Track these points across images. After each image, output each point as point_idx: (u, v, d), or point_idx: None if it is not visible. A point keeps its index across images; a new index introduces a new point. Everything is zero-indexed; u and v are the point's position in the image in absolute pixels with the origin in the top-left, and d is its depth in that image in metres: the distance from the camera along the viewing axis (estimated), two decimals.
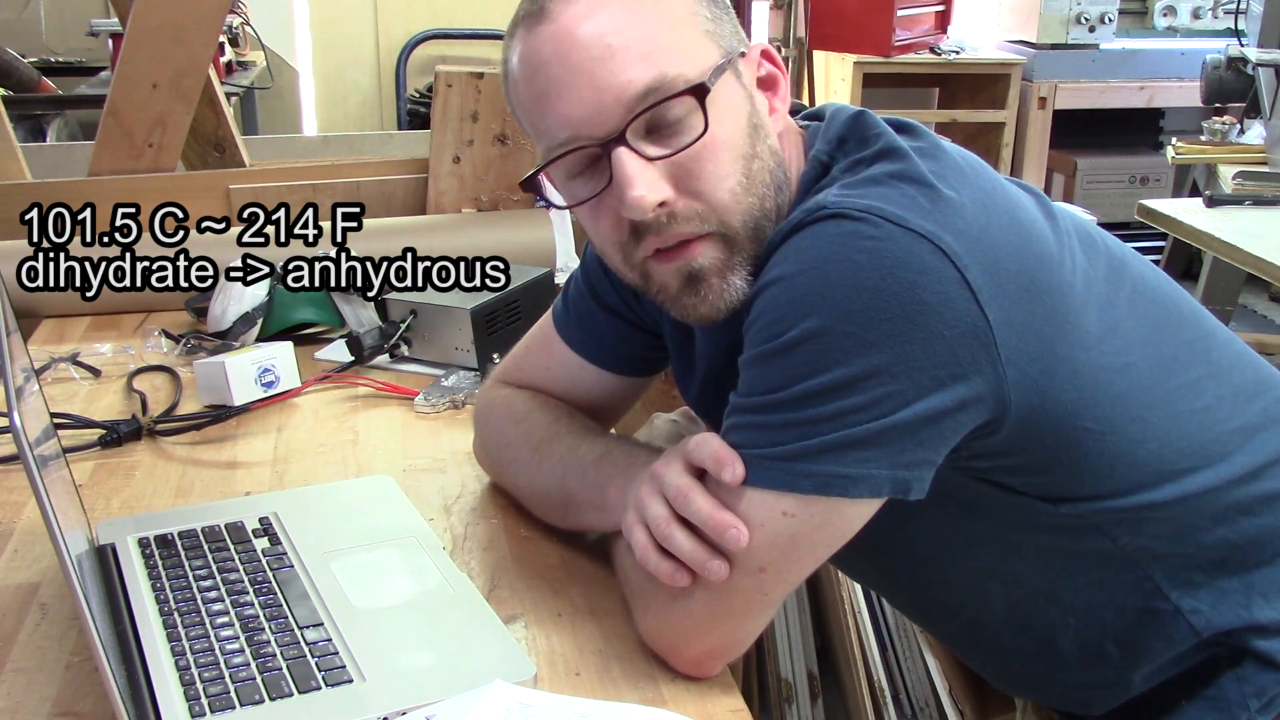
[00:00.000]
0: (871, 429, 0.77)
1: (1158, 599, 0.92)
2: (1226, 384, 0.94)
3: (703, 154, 0.84)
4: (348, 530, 1.04)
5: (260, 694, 0.81)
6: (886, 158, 0.84)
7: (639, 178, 0.82)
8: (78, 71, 3.57)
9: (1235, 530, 0.92)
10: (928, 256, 0.77)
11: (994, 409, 0.80)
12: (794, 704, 1.95)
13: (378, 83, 4.50)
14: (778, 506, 0.79)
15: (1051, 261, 0.84)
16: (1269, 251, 2.00)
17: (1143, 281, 0.93)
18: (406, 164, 1.92)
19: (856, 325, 0.76)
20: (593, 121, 0.83)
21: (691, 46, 0.84)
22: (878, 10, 3.60)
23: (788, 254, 0.81)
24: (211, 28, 1.79)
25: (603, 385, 1.11)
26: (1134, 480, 0.88)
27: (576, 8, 0.83)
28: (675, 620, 0.85)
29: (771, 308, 0.80)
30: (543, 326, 1.15)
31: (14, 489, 1.16)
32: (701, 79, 0.82)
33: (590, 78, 0.82)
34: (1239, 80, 2.76)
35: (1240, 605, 0.92)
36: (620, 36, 0.82)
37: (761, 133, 0.87)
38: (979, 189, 0.84)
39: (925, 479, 0.80)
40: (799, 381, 0.78)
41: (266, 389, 1.34)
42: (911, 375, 0.77)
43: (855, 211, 0.79)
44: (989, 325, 0.78)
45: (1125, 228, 3.94)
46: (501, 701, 0.78)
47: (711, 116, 0.83)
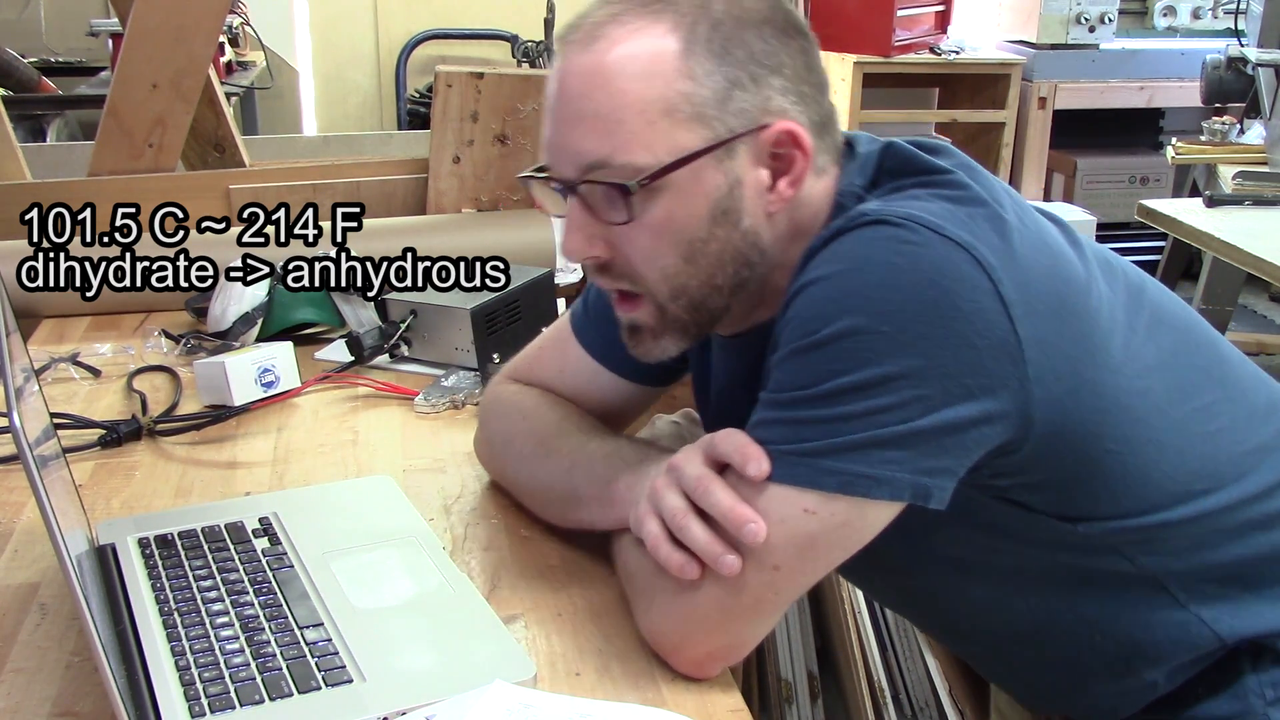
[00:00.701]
0: (898, 431, 0.78)
1: (1179, 611, 0.92)
2: (1241, 406, 0.95)
3: (636, 232, 0.87)
4: (348, 530, 1.04)
5: (260, 694, 0.81)
6: (924, 184, 0.85)
7: (575, 230, 0.88)
8: (78, 71, 3.57)
9: (1249, 546, 0.93)
10: (965, 266, 0.78)
11: (1018, 426, 0.81)
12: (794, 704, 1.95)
13: (378, 83, 4.50)
14: (799, 503, 0.80)
15: (1079, 286, 0.85)
16: (1269, 251, 2.00)
17: (1160, 308, 0.94)
18: (406, 164, 1.93)
19: (892, 326, 0.77)
20: (556, 164, 0.89)
21: (659, 133, 0.84)
22: (878, 10, 3.60)
23: (827, 257, 0.82)
24: (211, 28, 1.79)
25: (617, 391, 1.11)
26: (1150, 501, 0.89)
27: (578, 61, 0.86)
28: (680, 617, 0.85)
29: (809, 305, 0.81)
30: (559, 328, 1.15)
31: (14, 489, 1.16)
32: (648, 169, 0.84)
33: (562, 130, 0.88)
34: (1239, 80, 2.76)
35: (1258, 615, 0.93)
36: (591, 105, 0.85)
37: (731, 217, 0.87)
38: (1012, 210, 0.85)
39: (946, 489, 0.81)
40: (831, 378, 0.78)
41: (266, 389, 1.34)
42: (941, 381, 0.78)
43: (896, 218, 0.80)
44: (1019, 341, 0.79)
45: (1125, 228, 3.95)
46: (501, 701, 0.78)
47: (654, 204, 0.85)
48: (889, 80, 3.80)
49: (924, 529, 0.84)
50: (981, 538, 0.92)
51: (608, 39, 0.85)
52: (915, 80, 3.92)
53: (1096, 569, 0.92)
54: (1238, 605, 0.93)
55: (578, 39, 0.86)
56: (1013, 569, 0.94)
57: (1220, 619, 0.92)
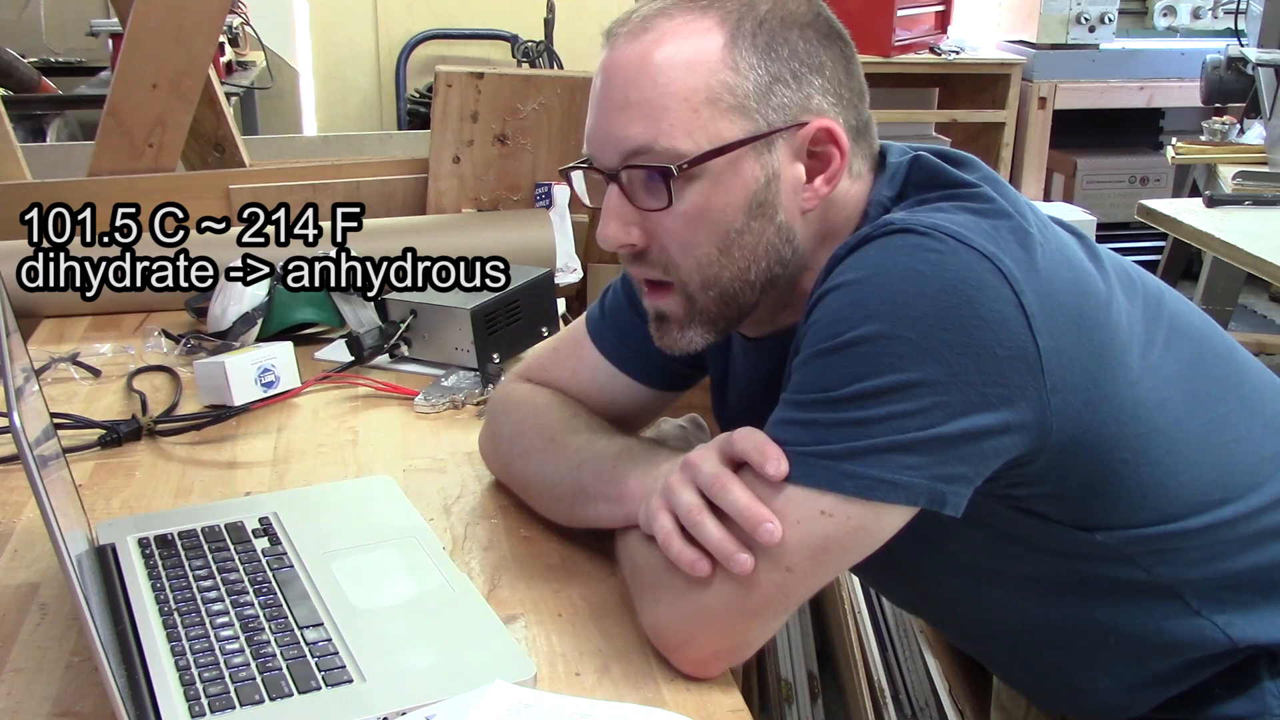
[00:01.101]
0: (918, 437, 0.78)
1: (1194, 617, 0.93)
2: (1257, 416, 0.96)
3: (675, 220, 0.88)
4: (348, 530, 1.04)
5: (260, 694, 0.81)
6: (950, 197, 0.87)
7: (613, 216, 0.89)
8: (78, 71, 3.57)
9: (1265, 554, 0.93)
10: (988, 275, 0.79)
11: (1036, 437, 0.82)
12: (794, 704, 1.95)
13: (378, 83, 4.50)
14: (817, 505, 0.80)
15: (1100, 300, 0.86)
16: (1269, 251, 2.00)
17: (1178, 318, 0.94)
18: (406, 164, 1.93)
19: (915, 332, 0.78)
20: (599, 152, 0.90)
21: (701, 121, 0.86)
22: (878, 10, 3.60)
23: (852, 263, 0.83)
24: (211, 28, 1.79)
25: (631, 395, 1.11)
26: (1167, 511, 0.90)
27: (627, 50, 0.88)
28: (687, 615, 0.85)
29: (833, 309, 0.82)
30: (574, 330, 1.15)
31: (14, 489, 1.16)
32: (689, 155, 0.85)
33: (607, 118, 0.89)
34: (1239, 80, 2.76)
35: (1271, 622, 0.93)
36: (639, 92, 0.87)
37: (767, 211, 0.89)
38: (1035, 224, 0.86)
39: (962, 496, 0.81)
40: (853, 382, 0.79)
41: (266, 389, 1.34)
42: (962, 389, 0.78)
43: (921, 227, 0.81)
44: (1039, 352, 0.80)
45: (1125, 228, 3.95)
46: (501, 701, 0.78)
47: (692, 190, 0.87)
48: (889, 80, 3.80)
49: (941, 535, 0.84)
50: (998, 545, 0.92)
51: (655, 31, 0.87)
52: (915, 80, 3.92)
53: (1112, 577, 0.92)
54: (1251, 611, 0.93)
55: (625, 31, 0.88)
56: (1029, 576, 0.94)
57: (1234, 624, 0.93)
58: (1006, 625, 1.00)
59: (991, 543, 0.91)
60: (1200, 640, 0.93)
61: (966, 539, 0.90)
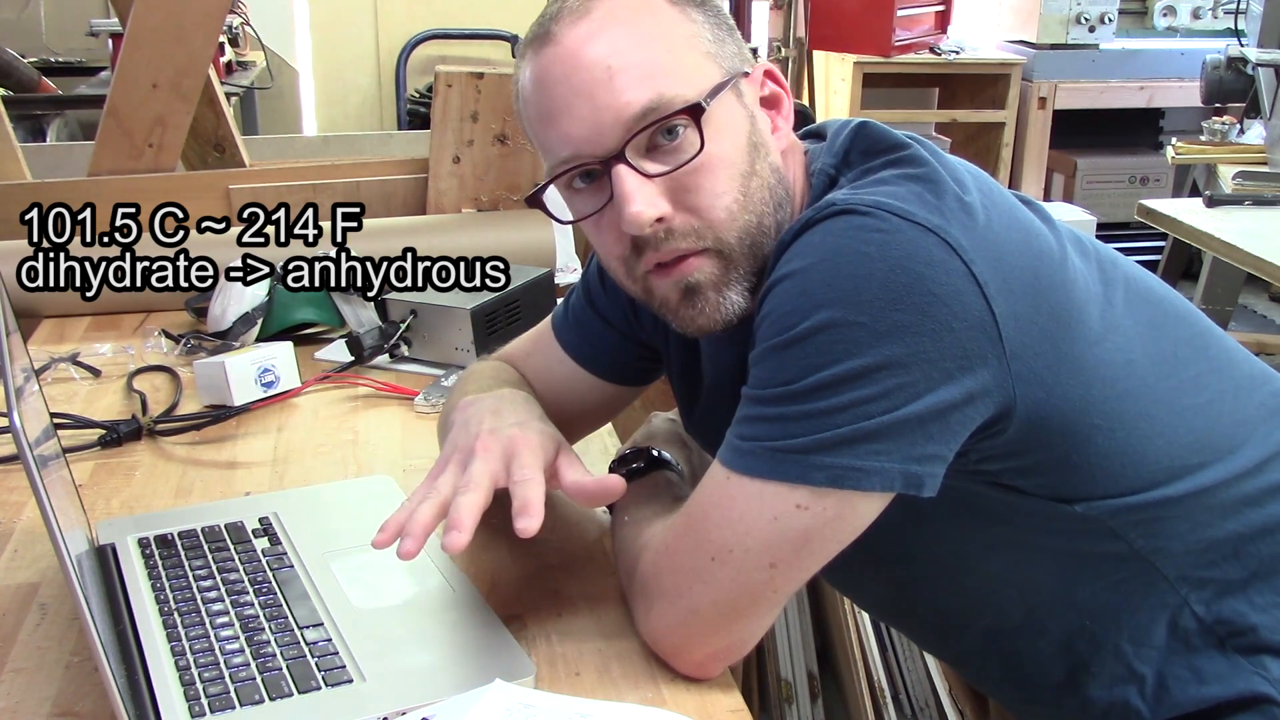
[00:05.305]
0: (884, 421, 0.78)
1: (1169, 594, 0.92)
2: (1227, 378, 0.95)
3: (699, 171, 0.86)
4: (348, 530, 1.04)
5: (260, 694, 0.81)
6: (894, 164, 0.86)
7: (636, 194, 0.85)
8: (78, 71, 3.57)
9: (1245, 523, 0.92)
10: (935, 249, 0.78)
11: (1000, 403, 0.81)
12: (794, 704, 1.95)
13: (378, 83, 4.50)
14: (791, 499, 0.80)
15: (1053, 260, 0.85)
16: (1269, 251, 2.00)
17: (1135, 280, 0.94)
18: (406, 164, 1.93)
19: (868, 316, 0.77)
20: (593, 140, 0.86)
21: (690, 68, 0.86)
22: (878, 10, 3.60)
23: (798, 250, 0.82)
24: (211, 28, 1.79)
25: (595, 391, 1.13)
26: (1146, 478, 0.89)
27: (579, 30, 0.86)
28: (679, 620, 0.85)
29: (783, 301, 0.81)
30: (542, 329, 1.17)
31: (14, 489, 1.16)
32: (699, 99, 0.85)
33: (591, 99, 0.85)
34: (1239, 80, 2.76)
35: (1250, 603, 0.93)
36: (620, 58, 0.85)
37: (762, 151, 0.89)
38: (980, 190, 0.85)
39: (936, 475, 0.81)
40: (812, 373, 0.78)
41: (266, 389, 1.34)
42: (922, 367, 0.78)
43: (863, 207, 0.80)
44: (994, 319, 0.79)
45: (1125, 228, 3.95)
46: (501, 701, 0.78)
47: (708, 135, 0.85)
48: (889, 80, 3.81)
49: (919, 518, 0.83)
50: (977, 525, 0.91)
51: (602, 5, 0.86)
52: (915, 80, 3.92)
53: (1094, 553, 0.91)
54: (1227, 587, 0.92)
55: (568, 18, 0.86)
56: (1009, 556, 0.94)
57: (1211, 604, 0.92)
58: (980, 613, 0.99)
59: (968, 522, 0.91)
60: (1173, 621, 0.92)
61: (943, 521, 0.89)
